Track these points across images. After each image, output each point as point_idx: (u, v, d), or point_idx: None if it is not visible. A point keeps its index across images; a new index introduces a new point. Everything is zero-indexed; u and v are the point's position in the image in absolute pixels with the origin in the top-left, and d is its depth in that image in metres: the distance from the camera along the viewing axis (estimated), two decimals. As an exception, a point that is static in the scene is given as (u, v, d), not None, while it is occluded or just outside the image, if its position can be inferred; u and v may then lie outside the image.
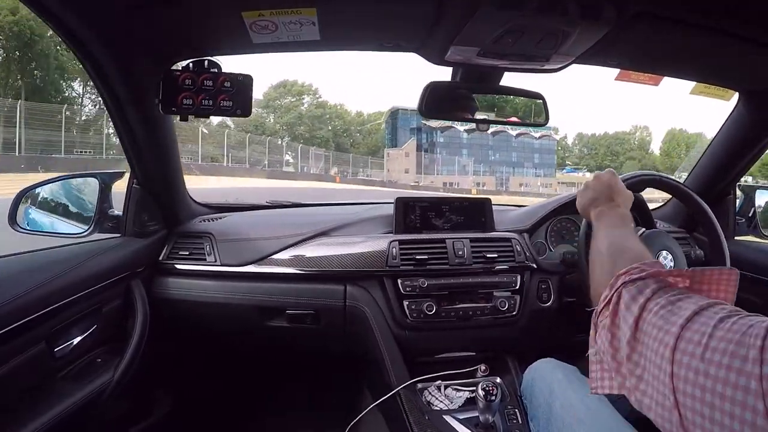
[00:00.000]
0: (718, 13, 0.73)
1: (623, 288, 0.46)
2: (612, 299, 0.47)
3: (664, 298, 0.42)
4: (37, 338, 0.80)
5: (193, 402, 1.43)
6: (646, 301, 0.43)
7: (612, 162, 64.46)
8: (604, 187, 0.77)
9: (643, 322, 0.42)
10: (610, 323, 0.46)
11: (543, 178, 47.89)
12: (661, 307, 0.41)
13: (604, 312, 0.47)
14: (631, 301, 0.44)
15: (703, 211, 1.01)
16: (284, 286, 1.14)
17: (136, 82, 0.87)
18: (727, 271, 0.46)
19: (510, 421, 1.01)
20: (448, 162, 43.10)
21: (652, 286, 0.45)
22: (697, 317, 0.37)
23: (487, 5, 0.68)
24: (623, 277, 0.48)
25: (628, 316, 0.43)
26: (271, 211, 1.48)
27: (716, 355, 0.33)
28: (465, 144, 45.77)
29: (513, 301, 1.15)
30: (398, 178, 36.15)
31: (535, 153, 49.97)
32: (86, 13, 0.70)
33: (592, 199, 0.77)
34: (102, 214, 1.09)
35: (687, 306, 0.39)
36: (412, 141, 44.96)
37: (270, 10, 0.72)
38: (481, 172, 44.87)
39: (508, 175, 46.34)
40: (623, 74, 1.03)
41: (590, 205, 0.76)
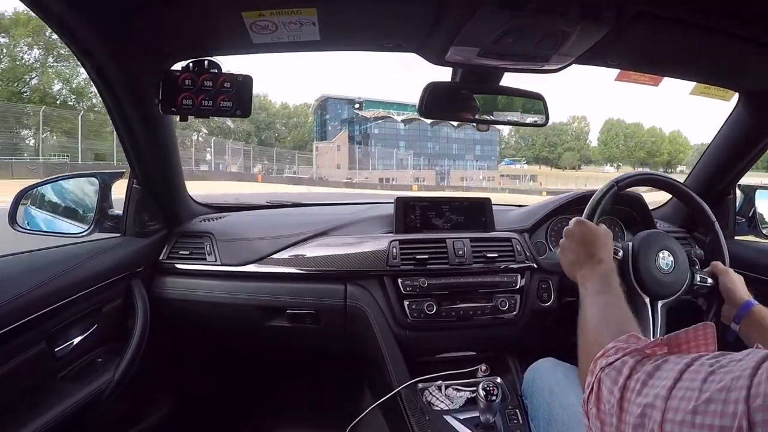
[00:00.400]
0: (718, 13, 0.73)
1: (602, 373, 0.46)
2: (594, 386, 0.46)
3: (642, 372, 0.41)
4: (38, 338, 0.80)
5: (194, 402, 1.43)
6: (626, 380, 0.42)
7: (550, 153, 64.27)
8: (578, 243, 0.78)
9: (627, 403, 0.41)
10: (597, 411, 0.45)
11: (486, 171, 45.77)
12: (642, 384, 0.40)
13: (590, 399, 0.47)
14: (613, 385, 0.43)
15: (703, 211, 1.01)
16: (284, 285, 1.14)
17: (135, 82, 0.87)
18: (701, 326, 0.46)
19: (510, 421, 1.01)
20: (385, 155, 39.31)
21: (629, 363, 0.44)
22: (679, 383, 0.37)
23: (487, 5, 0.68)
24: (600, 361, 0.48)
25: (612, 400, 0.43)
26: (271, 211, 1.48)
27: (707, 418, 0.33)
28: (402, 135, 42.72)
29: (513, 300, 1.15)
30: (329, 174, 32.51)
31: (477, 144, 47.28)
32: (86, 13, 0.70)
33: (572, 262, 0.78)
34: (102, 213, 1.09)
35: (667, 374, 0.39)
36: (344, 133, 41.10)
37: (270, 11, 0.72)
38: (420, 166, 41.38)
39: (449, 168, 43.16)
40: (623, 74, 1.03)
41: (572, 269, 0.77)
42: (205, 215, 1.32)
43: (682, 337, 0.46)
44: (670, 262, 0.89)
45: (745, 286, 0.85)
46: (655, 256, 0.89)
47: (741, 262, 1.09)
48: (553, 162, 65.36)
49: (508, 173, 48.96)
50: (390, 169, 37.55)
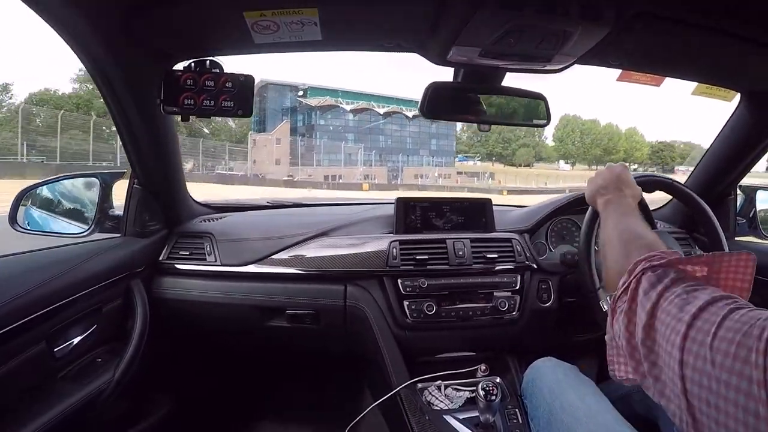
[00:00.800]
0: (718, 13, 0.73)
1: (642, 275, 0.47)
2: (631, 285, 0.47)
3: (681, 287, 0.43)
4: (37, 338, 0.80)
5: (193, 402, 1.43)
6: (664, 290, 0.43)
7: (504, 150, 61.98)
8: (614, 177, 0.77)
9: (659, 309, 0.42)
10: (628, 308, 0.46)
11: (443, 168, 41.18)
12: (677, 296, 0.42)
13: (623, 297, 0.48)
14: (650, 288, 0.45)
15: (703, 212, 1.01)
16: (284, 286, 1.14)
17: (137, 82, 0.87)
18: (744, 255, 0.46)
19: (510, 420, 1.01)
20: (331, 149, 33.97)
21: (671, 275, 0.45)
22: (709, 307, 0.38)
23: (488, 6, 0.68)
24: (643, 263, 0.48)
25: (645, 302, 0.44)
26: (271, 211, 1.48)
27: (723, 344, 0.34)
28: (352, 127, 37.15)
29: (513, 301, 1.15)
30: (267, 170, 27.09)
31: (432, 138, 42.78)
32: (87, 13, 0.70)
33: (600, 186, 0.77)
34: (102, 213, 1.09)
35: (701, 297, 0.40)
36: (285, 123, 35.52)
37: (272, 11, 0.72)
38: (372, 161, 36.42)
39: (403, 164, 38.64)
40: (625, 75, 1.03)
41: (598, 193, 0.76)
42: (205, 215, 1.32)
43: (725, 261, 0.47)
44: None
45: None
46: None
47: None
48: (507, 159, 62.47)
49: (466, 170, 45.51)
50: (337, 166, 32.86)
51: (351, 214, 1.31)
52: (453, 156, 45.74)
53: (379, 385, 1.11)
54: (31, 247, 0.90)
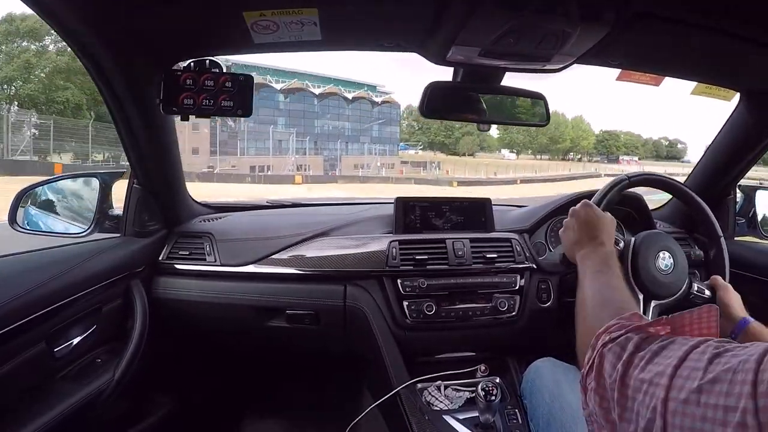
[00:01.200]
0: (718, 13, 0.73)
1: (604, 349, 0.46)
2: (595, 361, 0.46)
3: (648, 350, 0.41)
4: (37, 338, 0.80)
5: (193, 402, 1.43)
6: (630, 357, 0.42)
7: (446, 138, 58.73)
8: (582, 224, 0.78)
9: (630, 378, 0.41)
10: (596, 385, 0.45)
11: (385, 157, 36.60)
12: (647, 361, 0.40)
13: (590, 374, 0.46)
14: (616, 360, 0.43)
15: (702, 211, 1.01)
16: (284, 286, 1.14)
17: (136, 82, 0.87)
18: (706, 308, 0.46)
19: (510, 421, 1.01)
20: (258, 136, 28.96)
21: (634, 340, 0.44)
22: (685, 363, 0.37)
23: (488, 5, 0.68)
24: (603, 337, 0.47)
25: (615, 376, 0.42)
26: (271, 211, 1.48)
27: (711, 397, 0.33)
28: (282, 110, 31.98)
29: (513, 301, 1.15)
30: (182, 161, 16.81)
31: (375, 124, 37.75)
32: (87, 13, 0.70)
33: (574, 241, 0.78)
34: (102, 213, 1.09)
35: (672, 354, 0.39)
36: None
37: (271, 11, 0.72)
38: (305, 149, 31.10)
39: (341, 153, 34.18)
40: (624, 74, 1.03)
41: (574, 248, 0.78)
42: (204, 215, 1.32)
43: (686, 318, 0.46)
44: (670, 264, 0.89)
45: (743, 304, 0.85)
46: (655, 256, 0.89)
47: (741, 263, 1.09)
48: (450, 148, 59.34)
49: (411, 160, 41.21)
50: (265, 155, 27.51)
51: (350, 214, 1.31)
52: (397, 144, 41.19)
53: (379, 385, 1.11)
54: (31, 247, 0.91)
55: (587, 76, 24.08)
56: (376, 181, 24.80)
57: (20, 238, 1.02)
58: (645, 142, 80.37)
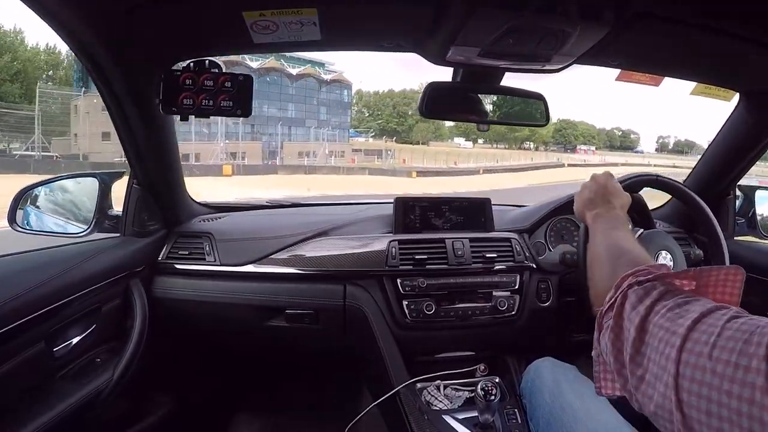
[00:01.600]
0: (718, 13, 0.73)
1: (629, 290, 0.46)
2: (617, 300, 0.46)
3: (672, 300, 0.42)
4: (37, 338, 0.80)
5: (193, 402, 1.43)
6: (653, 303, 0.42)
7: (399, 125, 53.70)
8: (600, 188, 0.77)
9: (649, 323, 0.41)
10: (614, 324, 0.45)
11: (335, 144, 32.01)
12: (669, 310, 0.41)
13: (608, 313, 0.47)
14: (638, 302, 0.44)
15: (702, 211, 1.01)
16: (284, 285, 1.14)
17: (136, 82, 0.87)
18: (733, 270, 0.46)
19: (509, 420, 1.01)
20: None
21: (659, 289, 0.44)
22: (705, 318, 0.37)
23: (487, 6, 0.68)
24: (630, 279, 0.47)
25: (633, 316, 0.43)
26: (270, 211, 1.48)
27: (724, 352, 0.33)
28: None
29: (512, 300, 1.16)
30: (93, 148, 19.78)
31: (322, 106, 33.35)
32: (86, 13, 0.70)
33: (588, 200, 0.77)
34: (101, 213, 1.09)
35: (694, 308, 0.39)
36: None
37: (271, 11, 0.72)
38: (239, 134, 26.22)
39: (284, 139, 29.60)
40: (624, 74, 1.03)
41: (586, 207, 0.76)
42: (204, 215, 1.32)
43: (713, 276, 0.46)
44: (669, 263, 0.89)
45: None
46: (655, 255, 0.89)
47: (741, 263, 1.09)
48: (402, 136, 54.14)
49: (364, 148, 36.96)
50: (189, 141, 22.27)
51: (350, 214, 1.32)
52: (348, 130, 36.42)
53: (379, 384, 1.11)
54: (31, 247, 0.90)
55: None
56: (324, 172, 21.85)
57: (19, 238, 1.02)
58: (599, 132, 79.70)
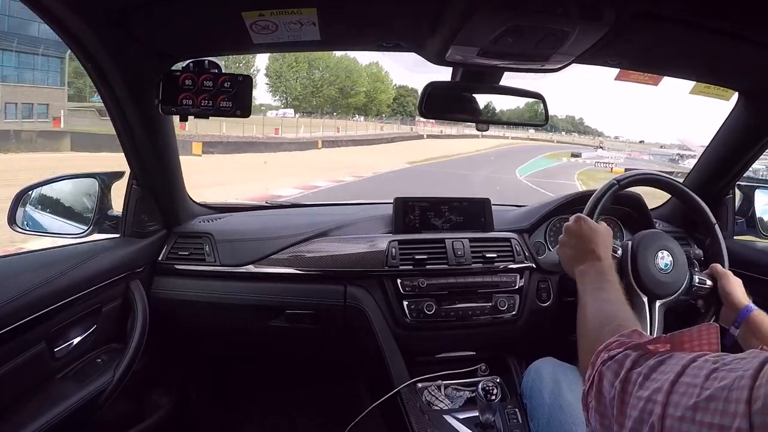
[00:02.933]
0: (717, 13, 0.73)
1: (603, 367, 0.46)
2: (594, 379, 0.46)
3: (645, 366, 0.42)
4: (37, 338, 0.80)
5: (193, 402, 1.43)
6: (628, 373, 0.42)
7: None
8: (577, 239, 0.78)
9: (628, 396, 0.41)
10: (597, 404, 0.45)
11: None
12: (644, 377, 0.40)
13: (590, 392, 0.47)
14: (614, 378, 0.44)
15: (701, 211, 1.01)
16: (284, 286, 1.14)
17: (135, 83, 0.87)
18: (705, 326, 0.46)
19: (510, 420, 1.01)
20: None
21: (632, 357, 0.44)
22: (681, 378, 0.37)
23: (487, 5, 0.68)
24: (602, 354, 0.48)
25: (614, 393, 0.43)
26: (270, 211, 1.48)
27: (707, 415, 0.33)
28: None
29: (512, 300, 1.16)
30: None
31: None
32: (86, 13, 0.70)
33: (571, 258, 0.78)
34: (101, 214, 1.09)
35: (670, 369, 0.39)
36: None
37: (270, 11, 0.72)
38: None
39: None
40: (623, 74, 1.03)
41: (572, 264, 0.78)
42: (204, 216, 1.32)
43: (686, 336, 0.46)
44: (669, 262, 0.90)
45: (744, 290, 0.85)
46: (654, 256, 0.89)
47: (740, 262, 1.09)
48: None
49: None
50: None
51: (350, 214, 1.32)
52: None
53: (379, 385, 1.11)
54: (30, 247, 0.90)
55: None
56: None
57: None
58: None
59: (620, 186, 0.97)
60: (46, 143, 14.58)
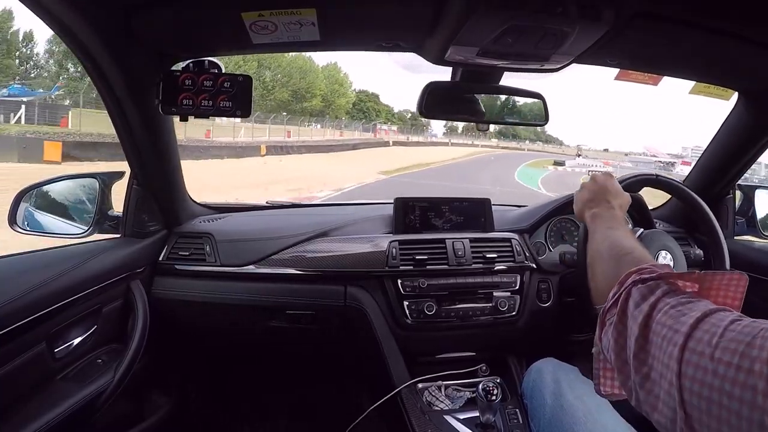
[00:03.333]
0: (717, 13, 0.73)
1: (633, 287, 0.46)
2: (621, 297, 0.46)
3: (675, 299, 0.42)
4: (37, 339, 0.80)
5: (193, 402, 1.43)
6: (657, 301, 0.42)
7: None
8: (600, 188, 0.77)
9: (652, 320, 0.41)
10: (618, 321, 0.45)
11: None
12: (672, 308, 0.41)
13: (612, 310, 0.47)
14: (642, 300, 0.44)
15: (702, 211, 1.01)
16: (284, 286, 1.14)
17: (135, 83, 0.87)
18: (737, 275, 0.46)
19: (510, 420, 1.01)
20: None
21: (662, 287, 0.44)
22: (708, 318, 0.37)
23: (486, 5, 0.68)
24: (634, 276, 0.47)
25: (637, 314, 0.43)
26: (271, 212, 1.48)
27: (726, 354, 0.33)
28: None
29: (513, 301, 1.15)
30: None
31: None
32: (86, 13, 0.70)
33: (587, 200, 0.76)
34: (101, 214, 1.09)
35: (697, 308, 0.39)
36: None
37: (270, 11, 0.72)
38: None
39: None
40: (623, 74, 1.03)
41: (585, 206, 0.76)
42: (204, 216, 1.32)
43: (716, 280, 0.46)
44: (669, 263, 0.89)
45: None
46: (655, 256, 0.89)
47: (740, 262, 1.09)
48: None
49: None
50: None
51: (350, 215, 1.32)
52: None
53: (380, 385, 1.11)
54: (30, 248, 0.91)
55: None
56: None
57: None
58: (399, 113, 67.27)
59: (657, 180, 0.97)
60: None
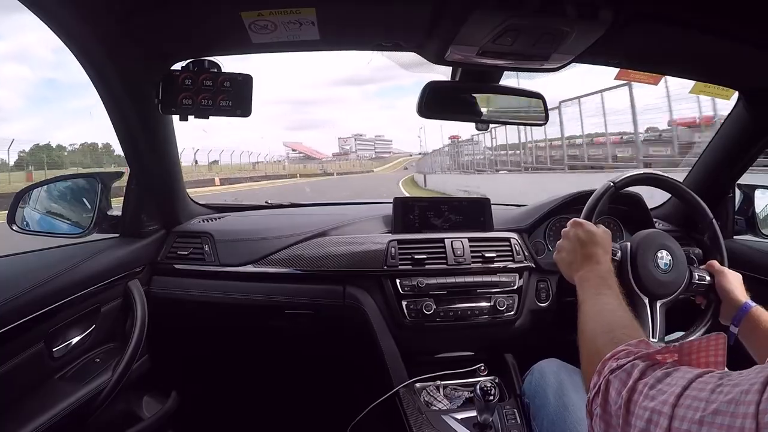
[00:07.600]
0: (717, 12, 0.73)
1: (611, 375, 0.46)
2: (601, 387, 0.46)
3: (652, 377, 0.42)
4: (36, 338, 0.80)
5: (192, 402, 1.43)
6: (635, 383, 0.42)
7: None
8: (575, 244, 0.78)
9: (634, 406, 0.41)
10: (602, 412, 0.45)
11: None
12: (650, 387, 0.40)
13: (596, 399, 0.47)
14: (621, 387, 0.44)
15: (701, 210, 1.01)
16: (283, 286, 1.14)
17: (135, 83, 0.87)
18: (714, 336, 0.46)
19: (508, 420, 1.01)
20: None
21: (639, 367, 0.44)
22: (687, 392, 0.37)
23: (486, 5, 0.68)
24: (610, 363, 0.47)
25: (619, 401, 0.43)
26: (270, 211, 1.48)
27: (713, 430, 0.33)
28: None
29: (511, 300, 1.15)
30: None
31: None
32: (85, 14, 0.70)
33: (569, 263, 0.78)
34: (100, 214, 1.09)
35: (676, 382, 0.39)
36: None
37: (269, 10, 0.72)
38: None
39: None
40: (623, 73, 1.03)
41: (571, 270, 0.77)
42: (203, 215, 1.32)
43: (694, 345, 0.45)
44: (669, 262, 0.89)
45: (743, 286, 0.85)
46: (654, 256, 0.89)
47: (740, 262, 1.09)
48: None
49: None
50: None
51: (349, 214, 1.31)
52: None
53: (378, 385, 1.11)
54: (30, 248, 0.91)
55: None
56: None
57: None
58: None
59: (617, 188, 0.97)
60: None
